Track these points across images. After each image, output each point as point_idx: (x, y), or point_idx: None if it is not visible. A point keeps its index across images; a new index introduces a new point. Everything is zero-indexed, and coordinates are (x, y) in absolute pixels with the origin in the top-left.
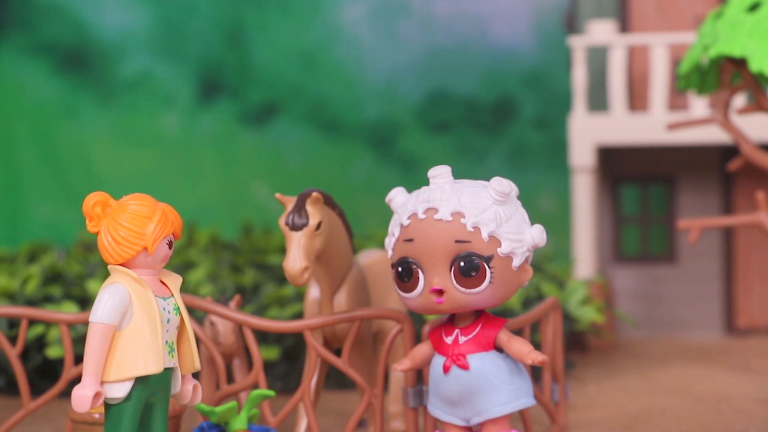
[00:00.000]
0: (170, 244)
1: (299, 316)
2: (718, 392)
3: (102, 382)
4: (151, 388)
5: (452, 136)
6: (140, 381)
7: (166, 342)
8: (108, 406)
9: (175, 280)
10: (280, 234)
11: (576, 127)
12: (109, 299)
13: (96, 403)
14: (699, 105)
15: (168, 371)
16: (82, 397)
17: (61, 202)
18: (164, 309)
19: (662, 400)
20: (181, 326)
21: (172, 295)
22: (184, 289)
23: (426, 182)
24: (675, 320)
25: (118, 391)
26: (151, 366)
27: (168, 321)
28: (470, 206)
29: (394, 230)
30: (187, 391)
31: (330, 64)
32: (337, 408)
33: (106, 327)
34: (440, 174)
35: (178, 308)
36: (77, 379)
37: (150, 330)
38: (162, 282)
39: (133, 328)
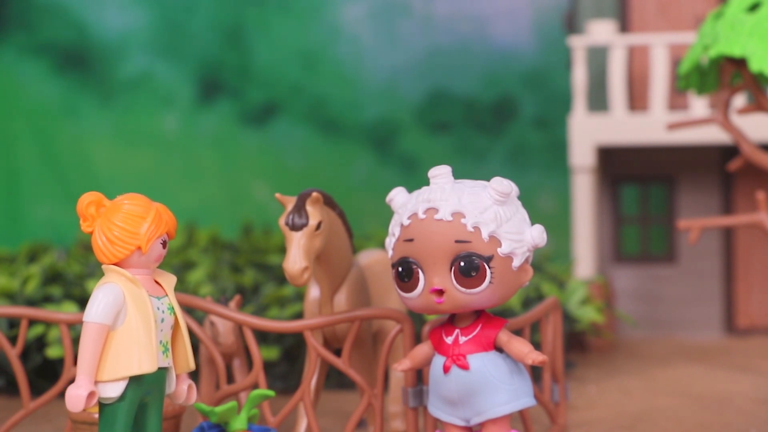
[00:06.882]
0: (164, 244)
1: (299, 316)
2: (718, 392)
3: (96, 382)
4: (146, 388)
5: (452, 136)
6: (134, 380)
7: (161, 342)
8: (102, 405)
9: (169, 280)
10: (280, 234)
11: (576, 127)
12: (103, 298)
13: (90, 402)
14: (699, 105)
15: (162, 371)
16: (76, 397)
17: (61, 202)
18: (158, 308)
19: (662, 400)
20: (176, 326)
21: (167, 294)
22: (184, 289)
23: (426, 182)
24: (675, 320)
25: (112, 390)
26: (145, 365)
27: (162, 321)
28: (470, 206)
29: (394, 230)
30: (182, 391)
31: (330, 64)
32: (337, 408)
33: (100, 326)
34: (440, 174)
35: (173, 308)
36: None
37: (144, 329)
38: (156, 282)
39: (127, 327)
